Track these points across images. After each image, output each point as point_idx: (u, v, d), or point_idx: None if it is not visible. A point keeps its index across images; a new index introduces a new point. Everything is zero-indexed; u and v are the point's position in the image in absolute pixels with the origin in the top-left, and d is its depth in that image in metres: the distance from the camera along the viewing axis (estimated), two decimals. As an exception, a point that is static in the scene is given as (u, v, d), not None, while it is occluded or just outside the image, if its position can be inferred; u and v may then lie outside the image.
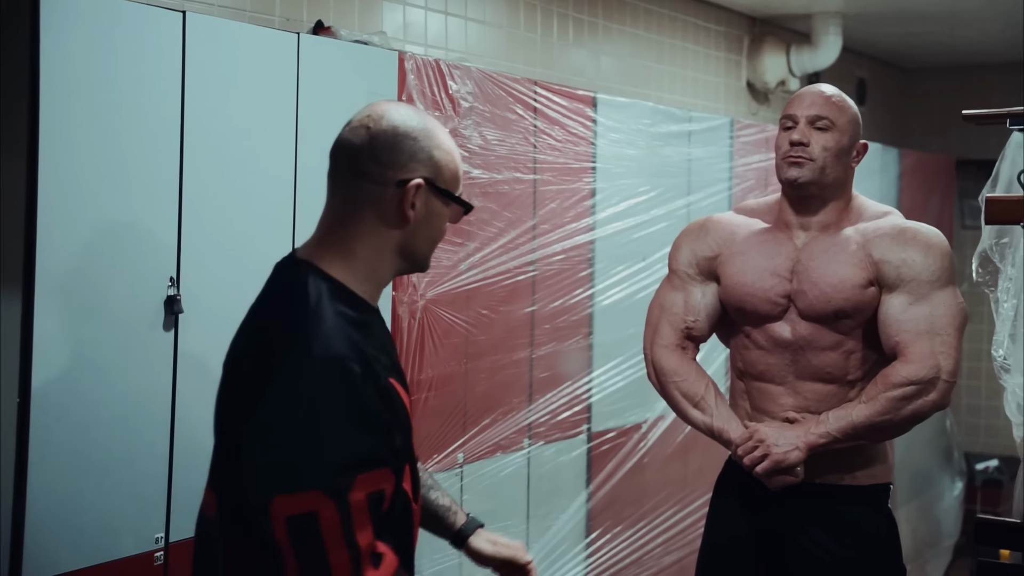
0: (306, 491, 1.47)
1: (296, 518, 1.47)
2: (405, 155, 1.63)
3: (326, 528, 1.48)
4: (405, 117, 1.65)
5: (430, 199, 1.65)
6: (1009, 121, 2.67)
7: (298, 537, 1.47)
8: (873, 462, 2.54)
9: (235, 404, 1.60)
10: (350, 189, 1.64)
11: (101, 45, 2.15)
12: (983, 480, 6.29)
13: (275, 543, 1.48)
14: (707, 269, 2.63)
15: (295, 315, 1.58)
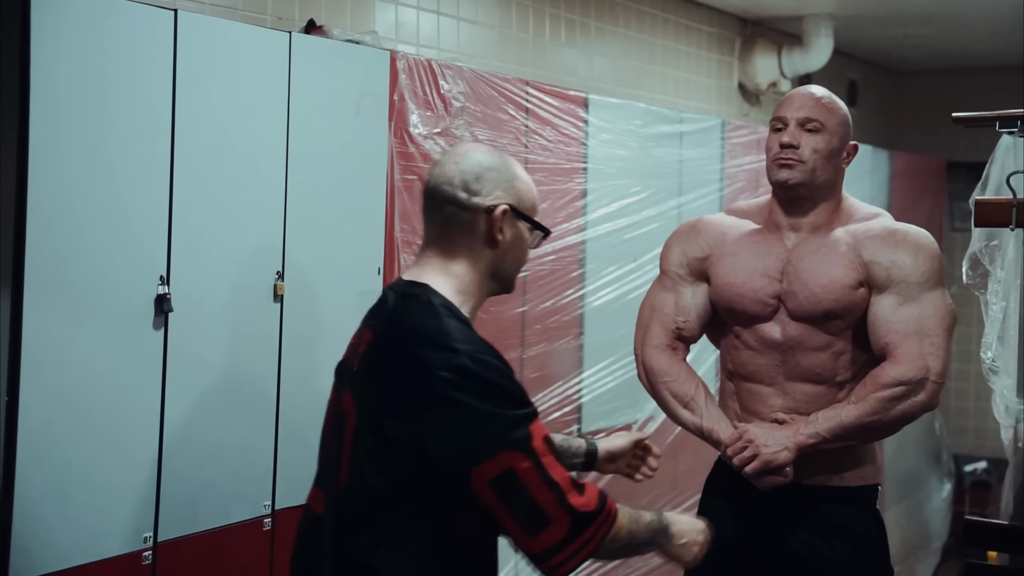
0: (497, 455, 1.71)
1: (497, 479, 1.72)
2: (491, 184, 1.85)
3: (525, 477, 1.72)
4: (487, 153, 1.89)
5: (514, 224, 1.87)
6: (999, 124, 2.69)
7: (504, 493, 1.72)
8: (862, 463, 2.54)
9: (372, 405, 1.79)
10: (446, 219, 1.85)
11: (92, 43, 2.15)
12: (971, 482, 6.30)
13: (487, 505, 1.74)
14: (698, 270, 2.64)
15: (431, 324, 1.79)
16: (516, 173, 1.88)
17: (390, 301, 1.86)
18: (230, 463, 2.45)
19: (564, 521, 1.75)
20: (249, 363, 2.48)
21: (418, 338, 1.77)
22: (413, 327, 1.79)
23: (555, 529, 1.75)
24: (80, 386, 2.15)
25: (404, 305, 1.83)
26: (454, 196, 1.84)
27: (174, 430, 2.31)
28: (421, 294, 1.82)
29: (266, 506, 2.53)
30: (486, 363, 1.76)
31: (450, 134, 2.93)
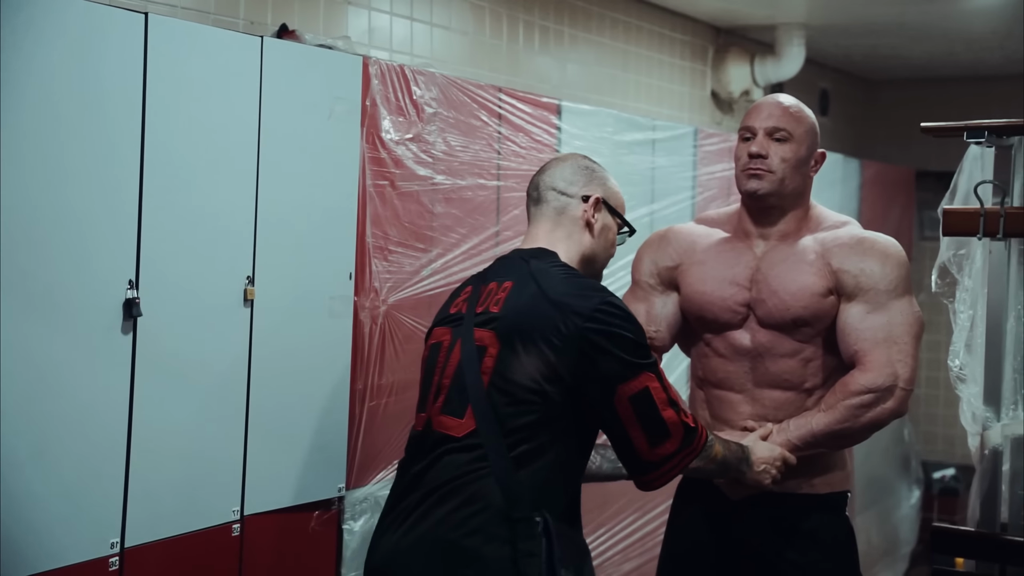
0: (640, 375, 2.10)
1: (637, 395, 2.10)
2: (586, 178, 2.30)
3: (656, 395, 2.12)
4: (585, 158, 2.35)
5: (605, 215, 2.29)
6: (966, 134, 2.71)
7: (639, 408, 2.10)
8: (831, 470, 2.56)
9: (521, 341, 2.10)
10: (550, 205, 2.28)
11: (61, 46, 2.14)
12: (940, 489, 6.35)
13: (619, 419, 2.11)
14: (668, 279, 2.65)
15: (572, 277, 2.18)
16: (607, 177, 2.34)
17: (519, 261, 2.21)
18: (199, 468, 2.43)
19: (679, 434, 2.14)
20: (219, 368, 2.47)
21: (565, 287, 2.13)
22: (558, 279, 2.15)
23: (672, 442, 2.14)
24: (47, 390, 2.13)
25: (540, 263, 2.19)
26: (555, 184, 2.28)
27: (142, 435, 2.30)
28: (548, 256, 2.22)
29: (235, 511, 2.52)
30: (620, 302, 2.16)
31: (422, 139, 2.93)
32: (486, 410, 2.09)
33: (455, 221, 3.07)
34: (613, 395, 2.09)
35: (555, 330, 2.08)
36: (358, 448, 2.79)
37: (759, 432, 2.44)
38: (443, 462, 2.10)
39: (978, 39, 5.58)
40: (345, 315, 2.75)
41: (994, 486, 2.80)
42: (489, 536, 2.03)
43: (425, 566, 2.06)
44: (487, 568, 2.02)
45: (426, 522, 2.08)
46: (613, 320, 2.10)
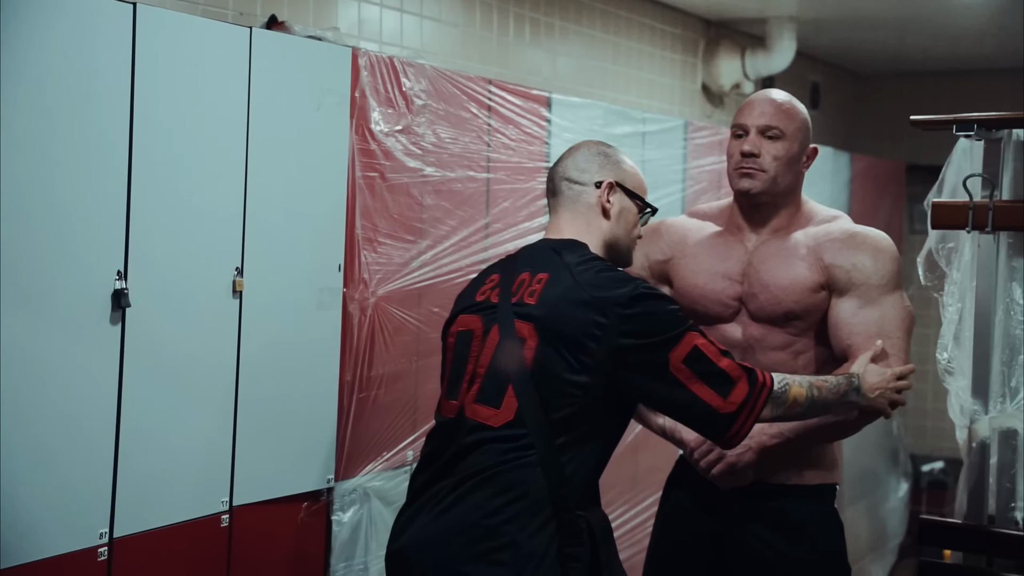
0: (684, 337, 2.14)
1: (689, 355, 2.13)
2: (597, 166, 2.30)
3: (707, 350, 2.15)
4: (597, 144, 2.35)
5: (622, 198, 2.30)
6: (955, 127, 2.71)
7: (696, 366, 2.13)
8: (821, 462, 2.56)
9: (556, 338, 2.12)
10: (568, 196, 2.29)
11: (49, 36, 2.13)
12: (928, 482, 6.37)
13: (682, 384, 2.13)
14: (659, 272, 2.66)
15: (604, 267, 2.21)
16: (622, 159, 2.33)
17: (550, 252, 2.23)
18: (187, 459, 2.43)
19: (744, 378, 2.17)
20: (208, 359, 2.46)
21: (599, 279, 2.16)
22: (593, 271, 2.18)
23: (741, 386, 2.16)
24: (35, 381, 2.13)
25: (571, 255, 2.21)
26: (568, 175, 2.30)
27: (131, 425, 2.30)
28: (578, 248, 2.23)
29: (224, 502, 2.52)
30: (653, 286, 2.22)
31: (412, 131, 2.93)
32: (531, 400, 2.11)
33: (445, 213, 3.07)
34: (668, 365, 2.13)
35: (595, 323, 2.10)
36: (347, 439, 2.79)
37: (868, 354, 2.42)
38: (481, 450, 2.12)
39: (968, 33, 5.59)
40: (334, 307, 2.75)
41: (981, 479, 2.81)
42: (525, 523, 2.06)
43: (458, 549, 2.07)
44: (521, 554, 2.04)
45: (461, 506, 2.09)
46: (648, 302, 2.14)
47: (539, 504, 2.07)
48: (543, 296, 2.16)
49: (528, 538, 2.05)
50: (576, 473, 2.12)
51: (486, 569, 2.05)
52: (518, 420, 2.10)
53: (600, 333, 2.10)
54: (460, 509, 2.09)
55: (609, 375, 2.11)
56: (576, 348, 2.10)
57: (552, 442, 2.09)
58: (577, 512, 2.10)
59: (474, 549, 2.06)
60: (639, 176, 2.36)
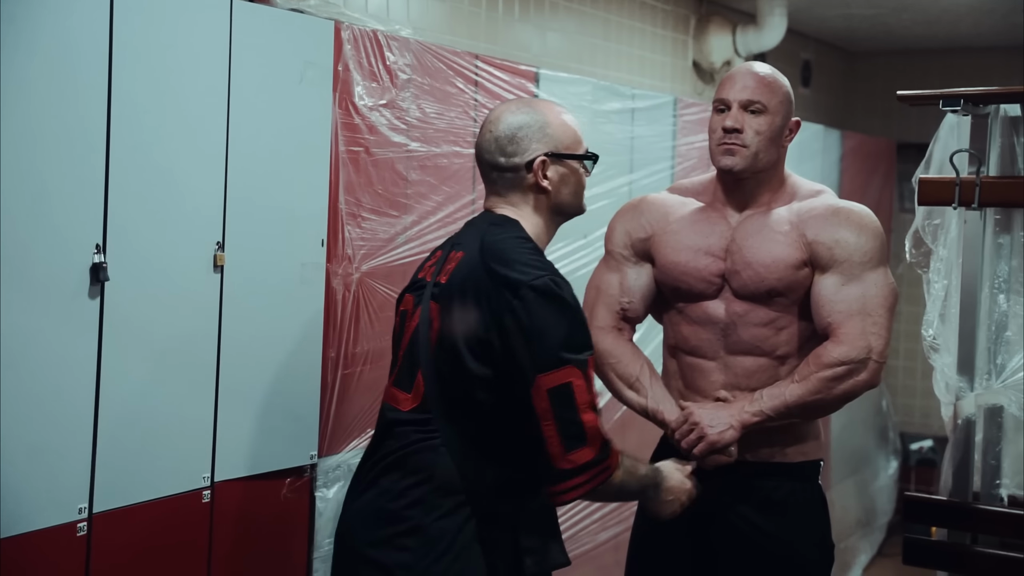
0: (561, 367, 1.96)
1: (556, 389, 1.95)
2: (524, 142, 2.13)
3: (578, 394, 1.97)
4: (517, 112, 2.15)
5: (557, 165, 2.15)
6: (942, 102, 2.70)
7: (558, 403, 1.96)
8: (804, 439, 2.56)
9: (459, 317, 2.04)
10: (497, 180, 2.16)
11: (24, 9, 2.10)
12: (917, 460, 6.38)
13: (535, 413, 1.96)
14: (641, 250, 2.64)
15: (517, 250, 2.06)
16: (547, 120, 2.15)
17: (480, 228, 2.13)
18: (168, 434, 2.42)
19: (596, 444, 1.99)
20: (188, 334, 2.45)
21: (506, 260, 2.03)
22: (502, 250, 2.04)
23: (587, 451, 1.99)
24: (13, 356, 2.11)
25: (494, 232, 2.09)
26: (495, 162, 2.15)
27: (110, 400, 2.28)
28: (508, 225, 2.11)
29: (205, 478, 2.51)
30: (564, 286, 2.02)
31: (396, 106, 2.91)
32: (435, 384, 2.06)
33: (430, 188, 3.05)
34: (531, 384, 1.97)
35: (487, 306, 2.00)
36: (331, 416, 2.78)
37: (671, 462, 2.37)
38: (393, 433, 2.10)
39: (960, 11, 5.56)
40: (317, 282, 2.73)
41: (967, 456, 2.82)
42: (432, 507, 2.02)
43: (370, 533, 2.06)
44: (426, 539, 2.01)
45: (372, 491, 2.09)
46: (544, 301, 1.98)
47: (447, 488, 2.02)
48: (452, 276, 2.09)
49: (434, 522, 2.01)
50: (494, 458, 2.05)
51: (390, 554, 2.02)
52: (423, 404, 2.06)
53: (488, 318, 2.00)
54: (370, 494, 2.09)
55: (498, 362, 2.01)
56: (472, 331, 2.01)
57: (458, 426, 2.04)
58: (498, 498, 2.03)
59: (380, 533, 2.04)
60: (568, 127, 2.17)
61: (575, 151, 2.17)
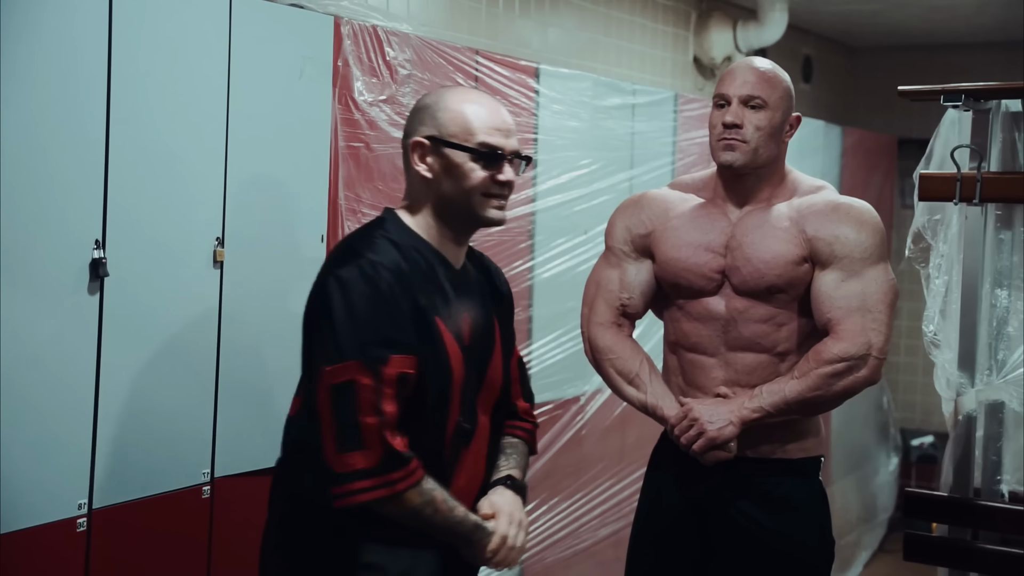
0: (344, 362, 1.85)
1: (338, 386, 1.85)
2: (416, 122, 2.03)
3: (361, 394, 1.84)
4: (432, 93, 2.07)
5: (441, 153, 2.00)
6: (943, 97, 2.70)
7: (337, 401, 1.85)
8: (805, 435, 2.55)
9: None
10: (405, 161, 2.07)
11: (24, 4, 2.10)
12: (918, 456, 6.38)
13: (316, 407, 1.87)
14: (641, 246, 2.63)
15: (352, 237, 2.02)
16: (444, 104, 2.01)
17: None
18: (168, 430, 2.42)
19: (375, 453, 1.86)
20: (188, 329, 2.45)
21: (336, 249, 2.02)
22: (344, 242, 2.04)
23: (363, 456, 1.85)
24: (12, 351, 2.11)
25: (366, 225, 2.06)
26: (401, 139, 2.08)
27: (110, 396, 2.28)
28: (388, 217, 2.04)
29: (205, 474, 2.51)
30: (380, 278, 1.90)
31: (396, 101, 2.90)
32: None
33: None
34: (317, 378, 1.89)
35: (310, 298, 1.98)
36: (331, 412, 2.77)
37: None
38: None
39: (961, 6, 5.55)
40: (317, 278, 2.73)
41: (967, 451, 2.81)
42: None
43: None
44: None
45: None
46: (334, 293, 1.89)
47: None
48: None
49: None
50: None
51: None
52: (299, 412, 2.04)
53: (306, 308, 1.98)
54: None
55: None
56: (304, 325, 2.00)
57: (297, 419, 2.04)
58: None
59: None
60: (461, 116, 2.00)
61: (462, 142, 1.99)
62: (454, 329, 2.02)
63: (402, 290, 1.93)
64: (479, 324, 2.09)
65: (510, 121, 2.07)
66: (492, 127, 2.02)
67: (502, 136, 2.03)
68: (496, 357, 2.14)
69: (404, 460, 1.89)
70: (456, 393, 2.02)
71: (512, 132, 2.06)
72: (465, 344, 2.04)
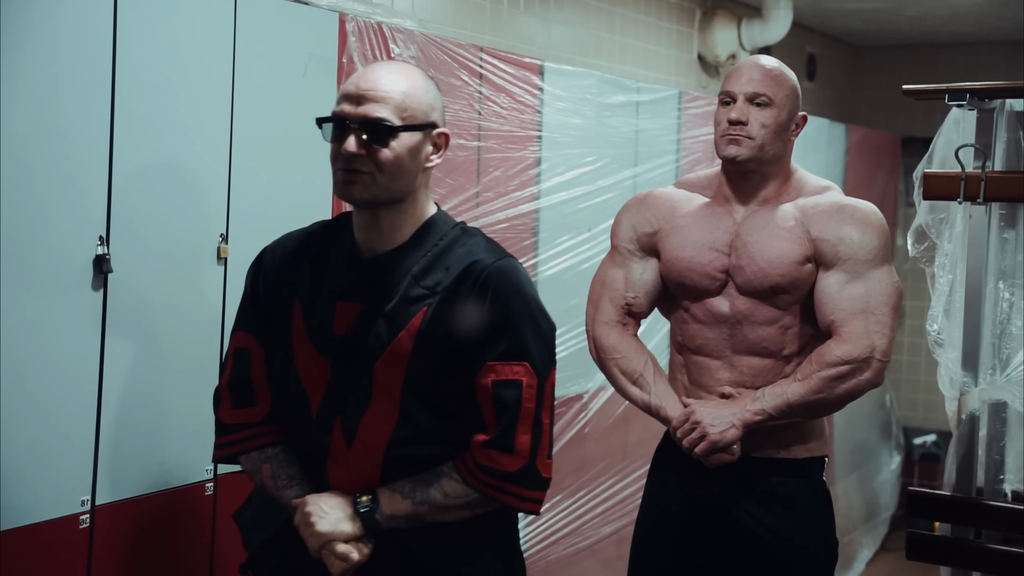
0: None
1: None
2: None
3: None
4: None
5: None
6: (948, 97, 2.69)
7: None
8: (808, 436, 2.55)
9: None
10: None
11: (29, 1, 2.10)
12: (920, 454, 6.38)
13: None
14: (647, 245, 2.63)
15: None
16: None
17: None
18: (170, 427, 2.42)
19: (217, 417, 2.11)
20: (192, 326, 2.45)
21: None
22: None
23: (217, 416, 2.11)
24: (16, 347, 2.11)
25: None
26: None
27: (113, 392, 2.28)
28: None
29: (208, 471, 2.51)
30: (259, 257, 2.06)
31: (401, 98, 2.89)
32: None
33: (435, 181, 3.03)
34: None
35: None
36: (334, 408, 2.77)
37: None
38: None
39: (965, 5, 5.54)
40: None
41: (971, 451, 2.81)
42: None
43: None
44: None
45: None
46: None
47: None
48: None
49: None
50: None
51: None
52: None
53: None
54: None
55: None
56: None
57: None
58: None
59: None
60: (340, 87, 1.92)
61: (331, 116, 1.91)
62: (317, 316, 1.94)
63: (258, 269, 2.06)
64: (369, 319, 1.91)
65: (372, 84, 1.87)
66: (343, 93, 1.89)
67: (349, 103, 1.87)
68: (389, 360, 1.90)
69: (224, 428, 2.05)
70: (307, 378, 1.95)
71: (366, 98, 1.86)
72: (332, 334, 1.93)
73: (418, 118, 1.89)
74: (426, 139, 1.92)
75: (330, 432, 1.93)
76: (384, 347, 1.90)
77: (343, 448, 1.93)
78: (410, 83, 1.90)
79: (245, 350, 2.03)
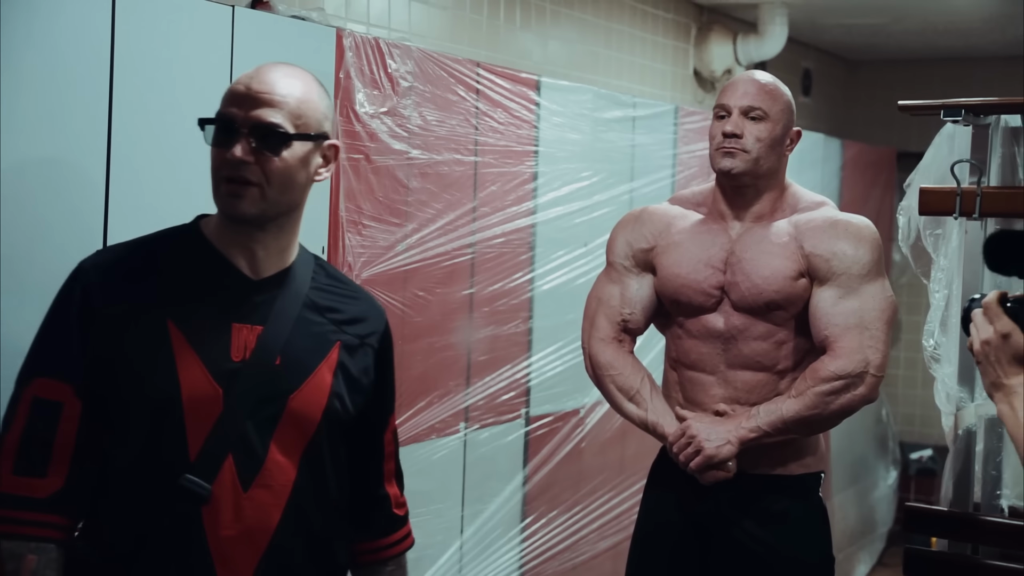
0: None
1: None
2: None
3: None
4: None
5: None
6: (943, 112, 2.70)
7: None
8: (804, 452, 2.55)
9: None
10: None
11: (27, 12, 2.10)
12: (917, 469, 6.38)
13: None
14: (643, 261, 2.63)
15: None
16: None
17: None
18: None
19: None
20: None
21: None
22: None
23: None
24: (13, 358, 2.09)
25: None
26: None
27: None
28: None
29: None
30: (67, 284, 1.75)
31: (397, 113, 2.91)
32: None
33: (431, 196, 3.04)
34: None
35: None
36: (330, 424, 2.77)
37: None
38: None
39: (961, 20, 5.57)
40: (318, 290, 2.72)
41: (967, 466, 2.81)
42: None
43: None
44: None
45: None
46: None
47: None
48: None
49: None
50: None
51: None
52: None
53: None
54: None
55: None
56: None
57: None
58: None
59: None
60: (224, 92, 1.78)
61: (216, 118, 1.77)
62: (207, 340, 1.72)
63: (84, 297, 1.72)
64: (272, 344, 1.74)
65: (265, 87, 1.72)
66: (232, 93, 1.73)
67: (239, 105, 1.71)
68: (308, 392, 1.77)
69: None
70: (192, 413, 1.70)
71: (259, 101, 1.70)
72: (229, 361, 1.72)
73: (312, 127, 1.75)
74: (316, 150, 1.78)
75: (214, 475, 1.68)
76: (303, 378, 1.76)
77: (235, 492, 1.70)
78: (305, 89, 1.76)
79: (52, 403, 1.69)
